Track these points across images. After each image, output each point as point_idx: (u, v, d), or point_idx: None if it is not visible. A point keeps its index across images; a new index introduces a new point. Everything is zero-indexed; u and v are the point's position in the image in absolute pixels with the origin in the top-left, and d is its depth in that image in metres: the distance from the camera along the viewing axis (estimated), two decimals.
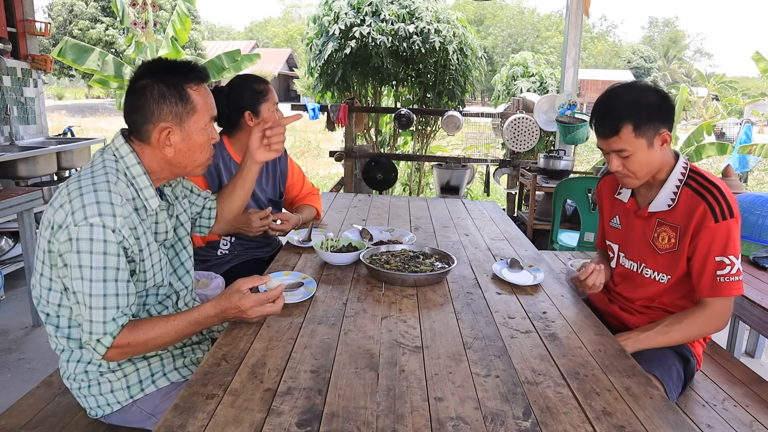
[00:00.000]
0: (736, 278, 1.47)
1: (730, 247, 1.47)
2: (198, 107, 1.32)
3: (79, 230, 1.16)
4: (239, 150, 2.14)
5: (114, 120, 17.70)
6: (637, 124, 1.48)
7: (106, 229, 1.17)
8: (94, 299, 1.17)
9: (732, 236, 1.47)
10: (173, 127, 1.30)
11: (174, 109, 1.29)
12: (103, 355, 1.21)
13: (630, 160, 1.52)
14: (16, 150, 4.20)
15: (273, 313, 1.32)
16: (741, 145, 6.44)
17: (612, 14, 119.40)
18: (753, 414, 1.58)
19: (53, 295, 1.27)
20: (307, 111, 5.21)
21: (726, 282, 1.47)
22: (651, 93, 1.51)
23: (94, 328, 1.18)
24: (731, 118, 12.20)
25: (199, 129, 1.34)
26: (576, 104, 4.67)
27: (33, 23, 4.59)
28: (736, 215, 1.47)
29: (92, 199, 1.19)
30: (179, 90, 1.30)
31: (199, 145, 1.35)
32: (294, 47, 35.97)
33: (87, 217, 1.16)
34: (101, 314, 1.18)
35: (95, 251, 1.17)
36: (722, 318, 1.52)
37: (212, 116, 1.37)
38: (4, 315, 3.31)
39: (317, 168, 10.56)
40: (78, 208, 1.17)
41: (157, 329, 1.24)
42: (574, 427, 0.99)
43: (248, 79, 2.13)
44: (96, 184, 1.22)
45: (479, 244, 2.19)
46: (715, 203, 1.47)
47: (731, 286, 1.47)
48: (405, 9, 6.15)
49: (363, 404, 1.03)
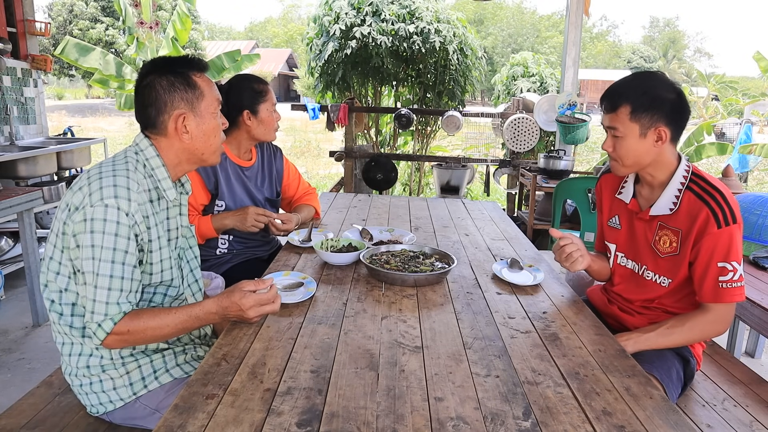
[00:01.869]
0: (738, 284, 1.46)
1: (733, 253, 1.46)
2: (205, 92, 1.38)
3: (94, 210, 1.20)
4: (235, 148, 2.16)
5: (114, 120, 17.70)
6: (635, 107, 1.47)
7: (120, 211, 1.21)
8: (100, 279, 1.20)
9: (734, 242, 1.46)
10: (187, 112, 1.36)
11: (185, 95, 1.35)
12: (103, 340, 1.22)
13: (620, 143, 1.52)
14: (16, 150, 4.20)
15: (272, 311, 1.34)
16: (741, 145, 6.44)
17: (612, 14, 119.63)
18: (753, 414, 1.58)
19: (60, 279, 1.29)
20: (307, 111, 5.22)
21: (728, 288, 1.46)
22: (664, 86, 1.50)
23: (97, 308, 1.20)
24: (731, 118, 12.18)
25: (210, 113, 1.39)
26: (576, 104, 4.67)
27: (33, 23, 4.59)
28: (738, 221, 1.46)
29: (110, 182, 1.24)
30: (186, 77, 1.35)
31: (212, 129, 1.40)
32: (294, 47, 35.98)
33: (103, 198, 1.21)
34: (105, 294, 1.20)
35: (107, 231, 1.20)
36: (724, 323, 1.51)
37: (218, 101, 1.43)
38: (4, 315, 3.31)
39: (317, 168, 10.56)
40: (96, 189, 1.22)
41: (158, 320, 1.26)
42: (574, 427, 0.99)
43: (248, 79, 2.15)
44: (116, 170, 1.27)
45: (479, 244, 2.19)
46: (718, 209, 1.46)
47: (733, 292, 1.46)
48: (405, 9, 6.15)
49: (363, 404, 1.03)
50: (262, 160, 2.27)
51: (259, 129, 2.13)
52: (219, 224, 2.05)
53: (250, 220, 2.01)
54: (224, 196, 2.10)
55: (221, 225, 2.05)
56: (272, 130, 2.16)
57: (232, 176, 2.13)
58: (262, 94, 2.10)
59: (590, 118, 4.69)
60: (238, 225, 2.03)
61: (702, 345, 1.68)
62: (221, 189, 2.09)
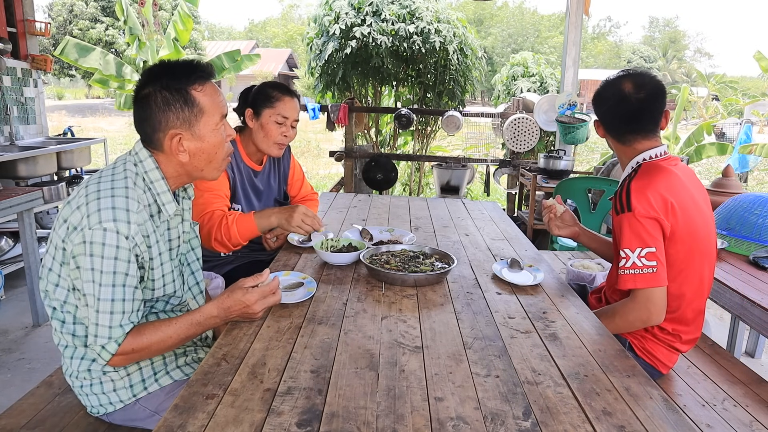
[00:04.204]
0: (631, 271, 1.51)
1: (625, 240, 1.52)
2: (206, 108, 1.30)
3: (93, 234, 1.17)
4: (248, 149, 2.13)
5: (114, 120, 17.70)
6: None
7: (120, 235, 1.18)
8: (101, 303, 1.18)
9: (625, 229, 1.52)
10: (183, 132, 1.29)
11: (180, 114, 1.28)
12: (108, 361, 1.22)
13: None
14: (16, 150, 4.20)
15: (276, 302, 1.35)
16: (741, 145, 6.44)
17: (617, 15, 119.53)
18: (753, 414, 1.58)
19: (59, 291, 1.28)
20: (307, 111, 5.22)
21: (623, 274, 1.52)
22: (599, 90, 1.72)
23: (100, 331, 1.19)
24: (731, 118, 12.17)
25: (210, 130, 1.32)
26: (576, 104, 4.67)
27: (33, 23, 4.59)
28: (634, 208, 1.51)
29: (108, 204, 1.19)
30: (183, 94, 1.27)
31: (213, 146, 1.33)
32: (294, 47, 35.97)
33: (101, 221, 1.17)
34: (108, 318, 1.19)
35: (106, 256, 1.17)
36: (639, 310, 1.53)
37: (222, 114, 1.35)
38: (4, 315, 3.31)
39: (317, 168, 10.56)
40: (94, 211, 1.18)
41: (160, 333, 1.25)
42: (574, 427, 0.99)
43: (270, 84, 2.11)
44: (115, 189, 1.22)
45: (479, 244, 2.19)
46: (617, 196, 1.57)
47: (626, 279, 1.52)
48: (405, 9, 6.15)
49: (363, 404, 1.03)
50: (271, 160, 2.26)
51: (259, 134, 2.06)
52: (265, 223, 1.91)
53: (297, 219, 1.84)
54: (240, 199, 2.08)
55: (267, 223, 1.91)
56: (271, 141, 2.06)
57: (245, 179, 2.12)
58: (270, 100, 2.04)
59: (590, 118, 4.69)
60: (283, 224, 1.88)
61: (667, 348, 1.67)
62: (237, 191, 2.07)
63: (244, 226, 1.88)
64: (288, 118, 2.07)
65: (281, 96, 2.06)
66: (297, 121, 2.13)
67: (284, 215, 1.86)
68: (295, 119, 2.10)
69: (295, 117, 2.10)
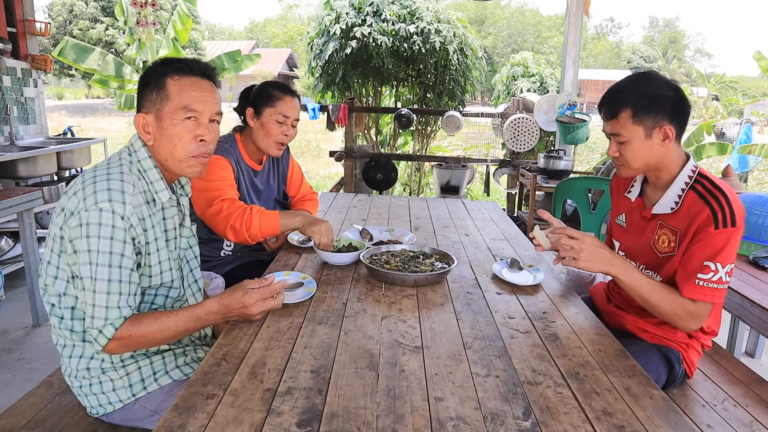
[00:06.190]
0: (714, 285, 1.42)
1: (722, 255, 1.42)
2: (171, 96, 1.31)
3: (89, 215, 1.19)
4: (248, 149, 2.13)
5: (114, 120, 17.70)
6: (636, 110, 1.47)
7: (115, 215, 1.20)
8: (98, 283, 1.19)
9: (728, 245, 1.42)
10: (147, 114, 1.33)
11: (150, 96, 1.32)
12: (104, 346, 1.22)
13: (625, 148, 1.51)
14: (16, 150, 4.20)
15: (275, 306, 1.34)
16: (741, 145, 6.44)
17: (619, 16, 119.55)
18: (753, 414, 1.58)
19: (59, 283, 1.28)
20: (307, 111, 5.22)
21: (703, 287, 1.42)
22: (661, 85, 1.49)
23: (97, 312, 1.20)
24: (731, 118, 12.17)
25: (171, 118, 1.32)
26: (576, 104, 4.67)
27: (33, 23, 4.59)
28: (738, 225, 1.43)
29: (104, 186, 1.22)
30: (157, 78, 1.32)
31: (170, 136, 1.32)
32: (294, 47, 35.96)
33: (97, 202, 1.19)
34: (105, 299, 1.20)
35: (103, 235, 1.19)
36: (694, 320, 1.47)
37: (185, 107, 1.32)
38: (4, 315, 3.31)
39: (317, 168, 10.56)
40: (90, 194, 1.21)
41: (159, 323, 1.25)
42: (574, 427, 0.99)
43: (271, 83, 2.12)
44: (110, 174, 1.25)
45: (479, 244, 2.19)
46: (719, 210, 1.43)
47: (705, 292, 1.42)
48: (406, 9, 6.15)
49: (363, 404, 1.03)
50: (271, 161, 2.26)
51: (259, 134, 2.07)
52: (289, 223, 1.91)
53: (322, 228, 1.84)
54: (242, 197, 2.08)
55: (291, 223, 1.91)
56: (272, 141, 2.07)
57: (246, 178, 2.12)
58: (271, 99, 2.05)
59: (590, 118, 4.69)
60: (306, 226, 1.87)
61: (699, 352, 1.66)
62: (240, 189, 2.07)
63: (267, 221, 1.89)
64: (289, 117, 2.08)
65: (282, 95, 2.07)
66: (297, 121, 2.13)
67: (310, 220, 1.88)
68: (295, 118, 2.11)
69: (295, 116, 2.11)
